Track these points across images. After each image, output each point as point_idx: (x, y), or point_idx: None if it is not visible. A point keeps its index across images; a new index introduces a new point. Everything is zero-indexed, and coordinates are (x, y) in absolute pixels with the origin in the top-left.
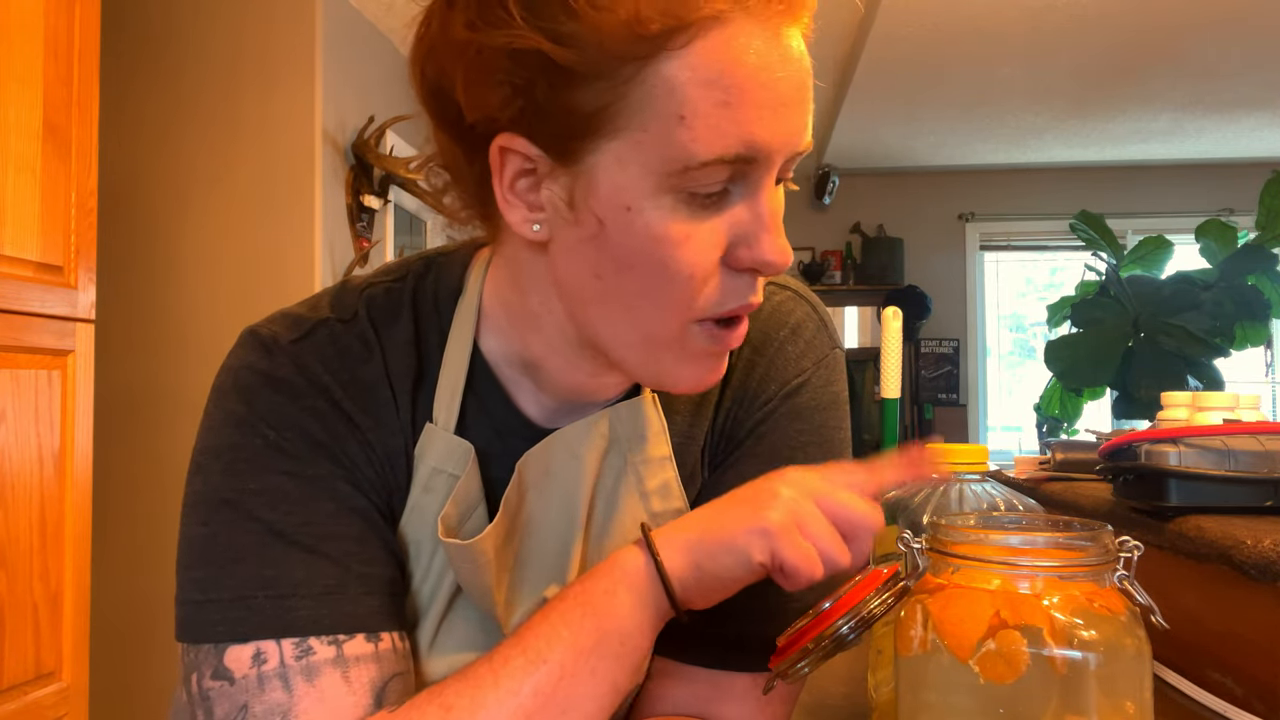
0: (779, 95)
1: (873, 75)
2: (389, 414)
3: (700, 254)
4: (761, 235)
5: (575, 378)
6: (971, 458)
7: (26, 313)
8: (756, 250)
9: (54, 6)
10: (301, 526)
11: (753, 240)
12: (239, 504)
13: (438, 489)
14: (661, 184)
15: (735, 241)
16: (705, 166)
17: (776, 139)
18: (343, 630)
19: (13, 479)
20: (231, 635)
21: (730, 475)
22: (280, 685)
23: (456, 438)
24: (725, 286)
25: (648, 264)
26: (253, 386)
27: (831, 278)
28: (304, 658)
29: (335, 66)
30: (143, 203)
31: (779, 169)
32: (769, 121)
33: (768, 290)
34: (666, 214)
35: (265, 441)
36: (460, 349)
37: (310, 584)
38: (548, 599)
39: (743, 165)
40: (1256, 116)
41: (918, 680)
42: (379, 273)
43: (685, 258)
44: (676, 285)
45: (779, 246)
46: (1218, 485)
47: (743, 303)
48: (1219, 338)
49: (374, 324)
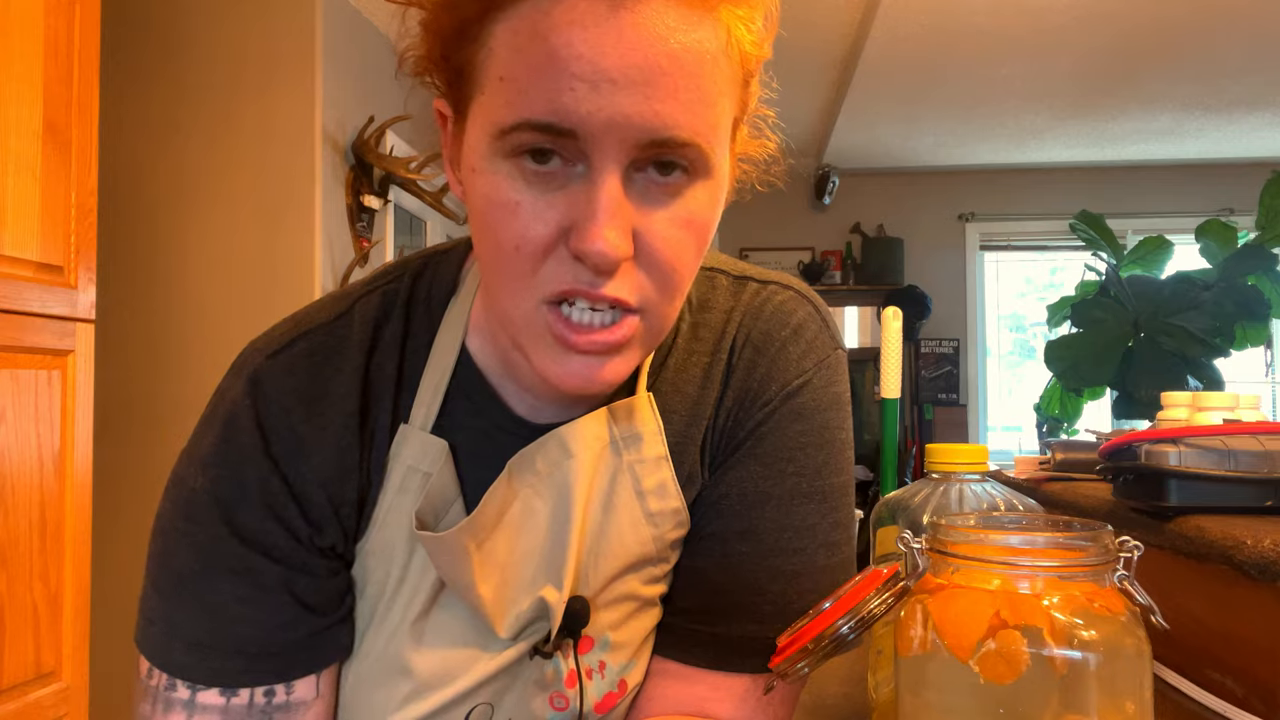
0: (602, 71)
1: (873, 75)
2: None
3: (528, 226)
4: (585, 222)
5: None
6: (971, 458)
7: (26, 313)
8: (576, 236)
9: (54, 6)
10: (197, 578)
11: (579, 225)
12: (169, 537)
13: (412, 488)
14: (492, 146)
15: (570, 225)
16: (515, 130)
17: (595, 116)
18: (201, 681)
19: (13, 479)
20: (140, 645)
21: (731, 475)
22: (150, 703)
23: (431, 436)
24: (562, 267)
25: (485, 229)
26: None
27: (831, 278)
28: (169, 691)
29: (335, 66)
30: (143, 203)
31: (627, 153)
32: (585, 96)
33: (770, 290)
34: (501, 179)
35: (196, 484)
36: (447, 348)
37: (190, 632)
38: (544, 599)
39: (559, 137)
40: (1256, 116)
41: (918, 680)
42: (379, 274)
43: (513, 227)
44: (506, 255)
45: (596, 234)
46: (1218, 485)
47: (569, 285)
48: (1219, 338)
49: (364, 327)
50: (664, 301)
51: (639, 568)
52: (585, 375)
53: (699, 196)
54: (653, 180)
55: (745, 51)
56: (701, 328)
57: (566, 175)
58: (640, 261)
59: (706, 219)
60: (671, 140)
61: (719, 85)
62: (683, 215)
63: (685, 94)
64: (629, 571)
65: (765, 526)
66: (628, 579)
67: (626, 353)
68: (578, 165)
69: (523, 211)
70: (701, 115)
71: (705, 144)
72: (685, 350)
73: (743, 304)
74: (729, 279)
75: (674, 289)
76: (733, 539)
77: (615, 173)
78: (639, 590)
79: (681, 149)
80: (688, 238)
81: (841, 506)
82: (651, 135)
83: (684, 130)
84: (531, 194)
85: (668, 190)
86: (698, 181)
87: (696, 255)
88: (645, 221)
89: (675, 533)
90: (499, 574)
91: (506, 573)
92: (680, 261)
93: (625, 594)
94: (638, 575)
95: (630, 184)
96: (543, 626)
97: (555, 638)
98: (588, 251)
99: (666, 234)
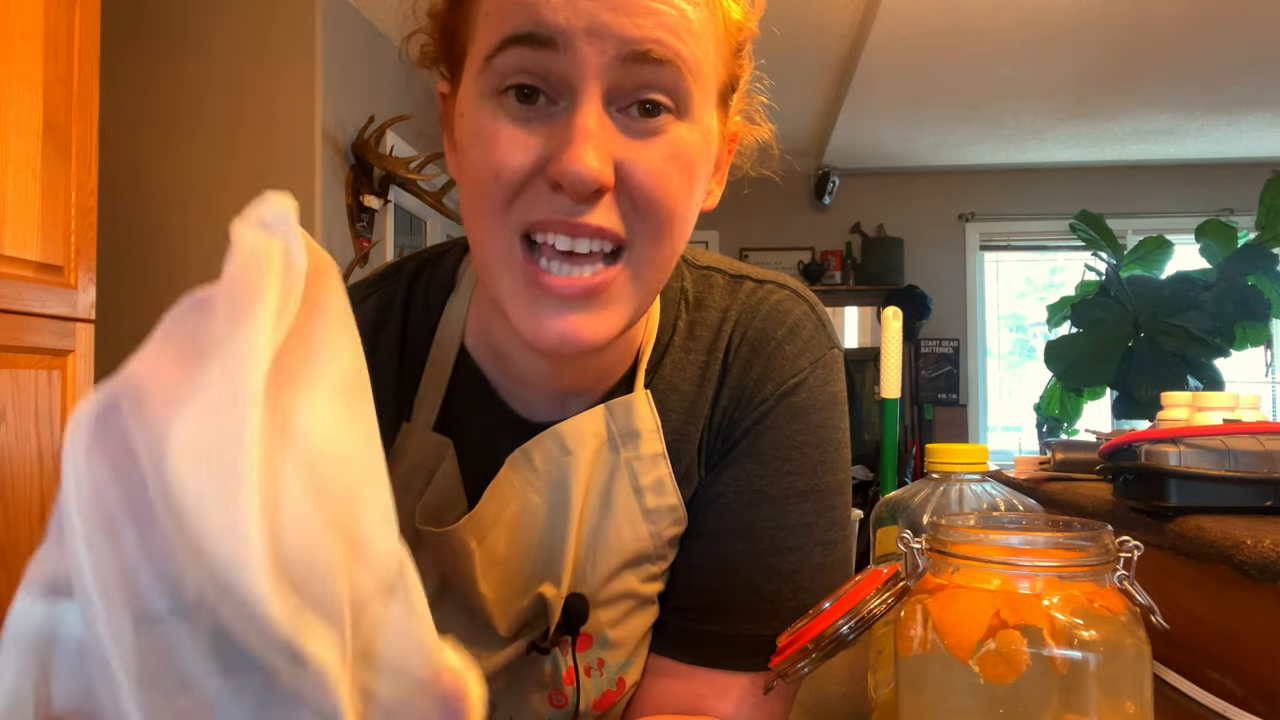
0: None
1: (873, 75)
2: None
3: (507, 154)
4: (564, 146)
5: (538, 368)
6: (971, 458)
7: (26, 313)
8: (554, 161)
9: (54, 6)
10: None
11: (557, 151)
12: None
13: (416, 487)
14: (480, 86)
15: (549, 155)
16: (499, 52)
17: (573, 24)
18: None
19: (13, 479)
20: None
21: (728, 474)
22: None
23: (433, 434)
24: (539, 198)
25: (467, 166)
26: None
27: (831, 278)
28: None
29: (335, 66)
30: (143, 203)
31: (607, 69)
32: (561, 6)
33: (766, 289)
34: (487, 116)
35: None
36: (446, 347)
37: None
38: (543, 595)
39: (541, 52)
40: (1256, 116)
41: (918, 680)
42: (376, 277)
43: (493, 155)
44: (484, 186)
45: (573, 156)
46: (1218, 485)
47: (545, 215)
48: (1219, 338)
49: (363, 330)
50: (651, 240)
51: (637, 565)
52: (561, 331)
53: (682, 134)
54: (634, 119)
55: (731, 17)
56: (698, 326)
57: (550, 113)
58: (623, 192)
59: (691, 155)
60: (652, 54)
61: (703, 28)
62: (667, 149)
63: (667, 19)
64: (627, 568)
65: (761, 525)
66: (625, 576)
67: (606, 307)
68: (560, 102)
69: (502, 139)
70: (684, 42)
71: (687, 71)
72: (682, 348)
73: (739, 302)
74: (725, 278)
75: (662, 224)
76: (729, 537)
77: (596, 96)
78: (637, 588)
79: (662, 68)
80: (674, 170)
81: (838, 505)
82: (632, 45)
83: (665, 48)
84: (513, 126)
85: (650, 129)
86: (681, 123)
87: (685, 191)
88: (628, 153)
89: (672, 530)
90: (499, 572)
91: (506, 570)
92: (667, 193)
93: (623, 592)
94: (636, 573)
95: (612, 119)
96: (542, 623)
97: (554, 634)
98: (565, 172)
99: (651, 165)
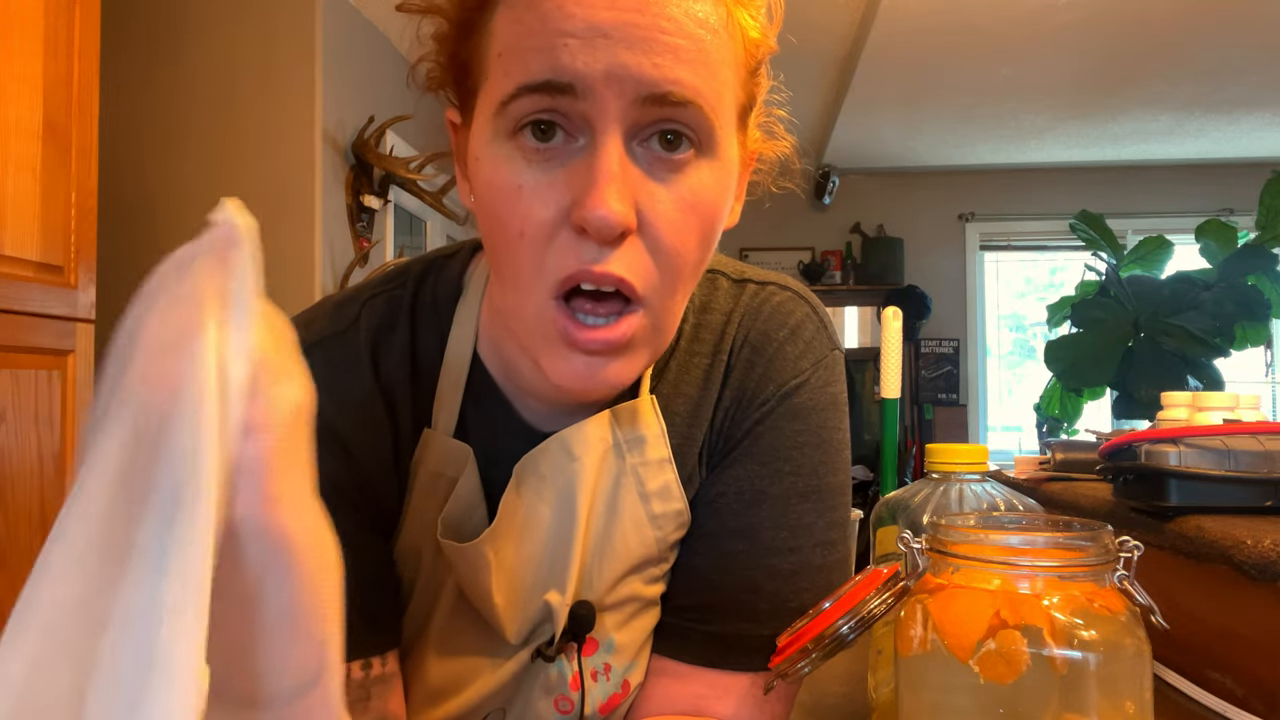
0: (595, 26)
1: (873, 75)
2: (381, 430)
3: (531, 209)
4: (587, 190)
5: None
6: (971, 458)
7: (26, 313)
8: (578, 207)
9: (54, 6)
10: None
11: (581, 196)
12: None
13: (437, 493)
14: (494, 126)
15: (572, 201)
16: (515, 98)
17: (592, 68)
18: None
19: (13, 479)
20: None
21: (728, 474)
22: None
23: (455, 441)
24: (566, 248)
25: (491, 219)
26: None
27: (831, 278)
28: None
29: (335, 66)
30: (143, 203)
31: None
32: (579, 49)
33: (768, 290)
34: (502, 163)
35: None
36: (460, 352)
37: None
38: (548, 602)
39: (559, 96)
40: (1256, 116)
41: (918, 680)
42: (382, 280)
43: (518, 210)
44: (513, 243)
45: (597, 200)
46: (1218, 485)
47: (575, 268)
48: (1219, 338)
49: (372, 334)
50: (667, 292)
51: (641, 569)
52: (588, 375)
53: (704, 176)
54: (657, 155)
55: (749, 36)
56: (703, 329)
57: (568, 152)
58: (643, 239)
59: (712, 202)
60: (672, 95)
61: (722, 56)
62: (687, 196)
63: (686, 54)
64: (632, 573)
65: (762, 525)
66: (630, 580)
67: (630, 354)
68: (579, 139)
69: (525, 194)
70: (704, 79)
71: (709, 108)
72: (687, 352)
73: (742, 305)
74: (729, 281)
75: (676, 276)
76: (729, 537)
77: (617, 135)
78: (641, 591)
79: (683, 109)
80: (691, 221)
81: (838, 506)
82: (651, 88)
83: (685, 88)
84: (533, 175)
85: (671, 165)
86: (703, 160)
87: (700, 243)
88: (649, 198)
89: (677, 534)
90: (508, 580)
91: (514, 578)
92: (683, 245)
93: (628, 595)
94: (640, 576)
95: (633, 156)
96: (548, 629)
97: (559, 641)
98: (589, 218)
99: (670, 215)
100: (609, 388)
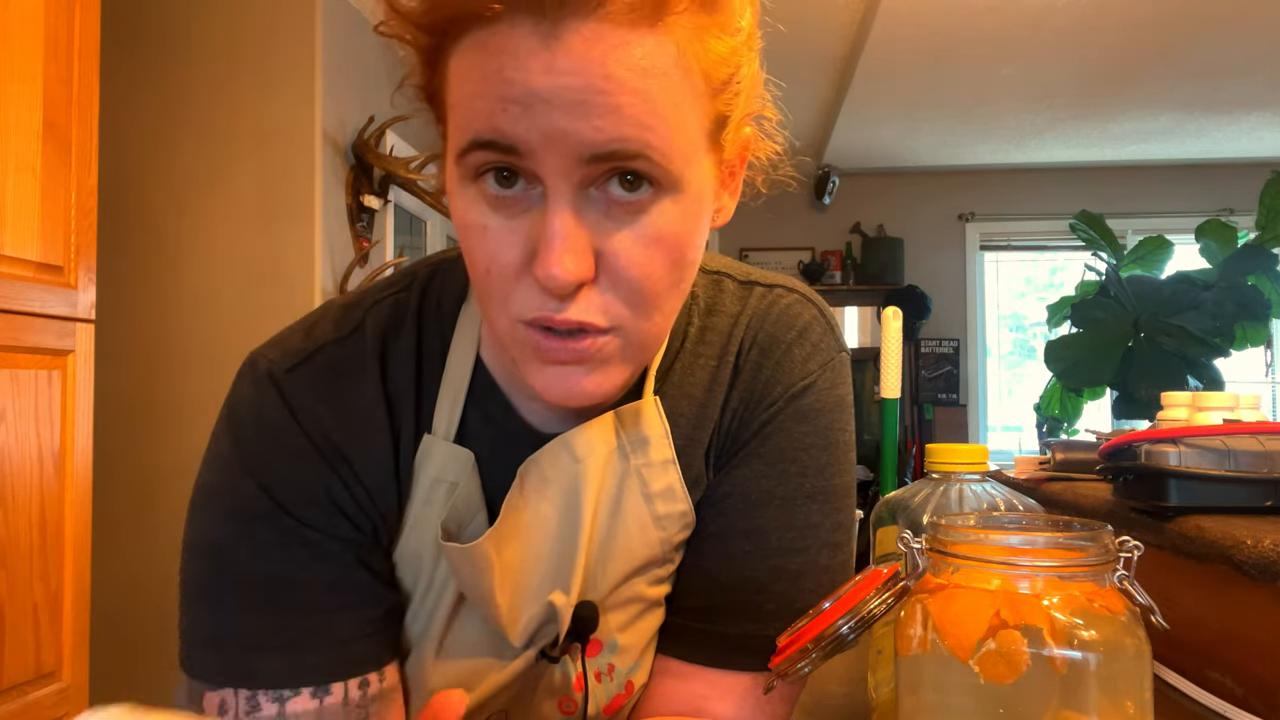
0: (534, 93)
1: (873, 75)
2: (382, 438)
3: (497, 251)
4: (542, 249)
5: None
6: (971, 458)
7: (26, 313)
8: (536, 263)
9: (54, 6)
10: (274, 575)
11: (538, 253)
12: (221, 550)
13: (438, 499)
14: (458, 169)
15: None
16: (468, 151)
17: (531, 133)
18: (289, 685)
19: (13, 479)
20: (205, 680)
21: (736, 475)
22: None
23: (456, 446)
24: (530, 292)
25: (465, 251)
26: (244, 426)
27: (831, 278)
28: (252, 712)
29: (335, 66)
30: (142, 203)
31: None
32: (519, 116)
33: (776, 293)
34: (470, 203)
35: (248, 488)
36: (463, 356)
37: (275, 634)
38: (552, 603)
39: (509, 155)
40: (1256, 116)
41: (918, 680)
42: (386, 285)
43: (483, 250)
44: (481, 278)
45: (550, 260)
46: (1218, 485)
47: (536, 313)
48: (1219, 338)
49: (377, 339)
50: (640, 315)
51: (645, 570)
52: (565, 386)
53: (667, 213)
54: (615, 198)
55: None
56: (709, 331)
57: (529, 199)
58: (606, 282)
59: (678, 234)
60: (619, 153)
61: (672, 98)
62: (650, 233)
63: (630, 110)
64: (636, 574)
65: (769, 526)
66: (634, 582)
67: (606, 367)
68: (538, 187)
69: (490, 236)
70: (654, 129)
71: (660, 157)
72: (692, 353)
73: (749, 308)
74: (735, 283)
75: (648, 305)
76: (736, 538)
77: (567, 193)
78: (645, 592)
79: (633, 161)
80: (657, 255)
81: (844, 507)
82: (594, 150)
83: (632, 143)
84: (497, 219)
85: (632, 208)
86: (665, 197)
87: (671, 270)
88: (608, 242)
89: (681, 535)
90: (511, 580)
91: (518, 580)
92: (650, 279)
93: (632, 596)
94: (644, 577)
95: (589, 203)
96: (552, 630)
97: (563, 642)
98: (540, 278)
99: (632, 253)
100: (588, 399)
